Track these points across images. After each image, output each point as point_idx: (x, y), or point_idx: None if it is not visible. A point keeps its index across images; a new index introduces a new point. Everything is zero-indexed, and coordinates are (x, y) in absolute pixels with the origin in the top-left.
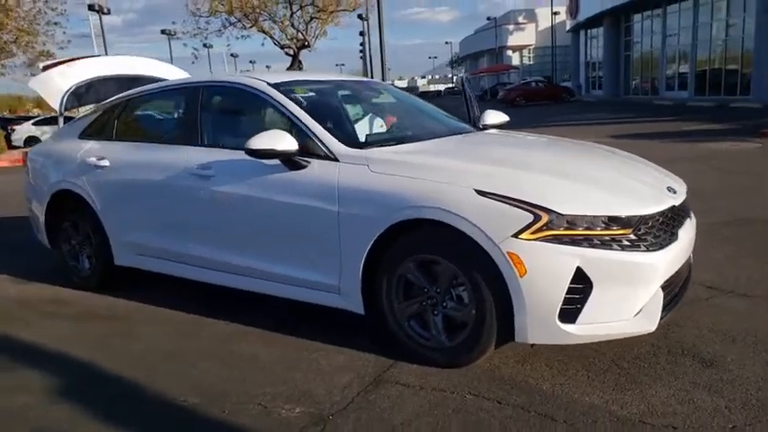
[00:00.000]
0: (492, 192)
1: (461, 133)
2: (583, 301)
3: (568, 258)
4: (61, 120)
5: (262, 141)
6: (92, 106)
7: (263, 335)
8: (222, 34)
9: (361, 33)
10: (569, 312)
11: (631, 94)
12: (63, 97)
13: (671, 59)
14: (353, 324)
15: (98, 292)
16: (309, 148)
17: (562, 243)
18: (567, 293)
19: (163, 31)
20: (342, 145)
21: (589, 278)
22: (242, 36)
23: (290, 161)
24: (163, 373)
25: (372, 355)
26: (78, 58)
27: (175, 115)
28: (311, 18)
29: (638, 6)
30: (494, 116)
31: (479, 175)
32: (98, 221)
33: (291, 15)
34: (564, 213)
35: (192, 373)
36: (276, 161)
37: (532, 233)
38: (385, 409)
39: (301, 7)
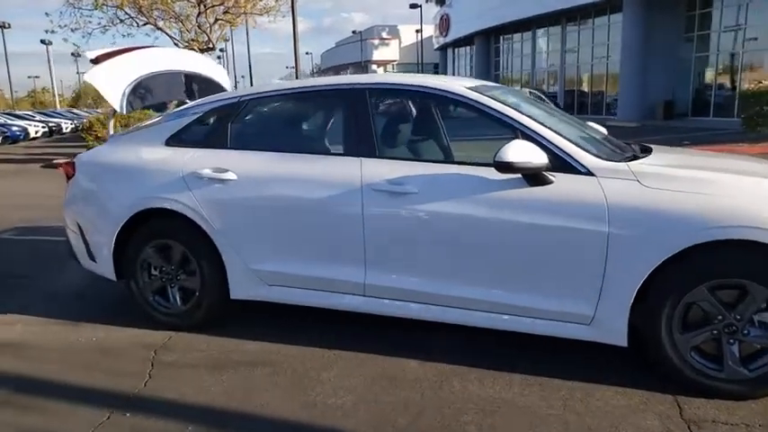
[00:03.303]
0: None
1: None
2: None
3: None
4: (111, 123)
5: (516, 154)
6: (173, 104)
7: (491, 376)
8: (107, 31)
9: (226, 40)
10: None
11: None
12: (123, 96)
13: (540, 81)
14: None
15: (190, 330)
16: (552, 162)
17: None
18: None
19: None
20: (594, 158)
21: None
22: (128, 34)
23: (534, 176)
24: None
25: (650, 392)
26: (128, 50)
27: (330, 121)
28: (216, 19)
29: (508, 29)
30: (599, 128)
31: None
32: (211, 247)
33: (198, 15)
34: None
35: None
36: (508, 176)
37: None
38: None
39: (211, 6)
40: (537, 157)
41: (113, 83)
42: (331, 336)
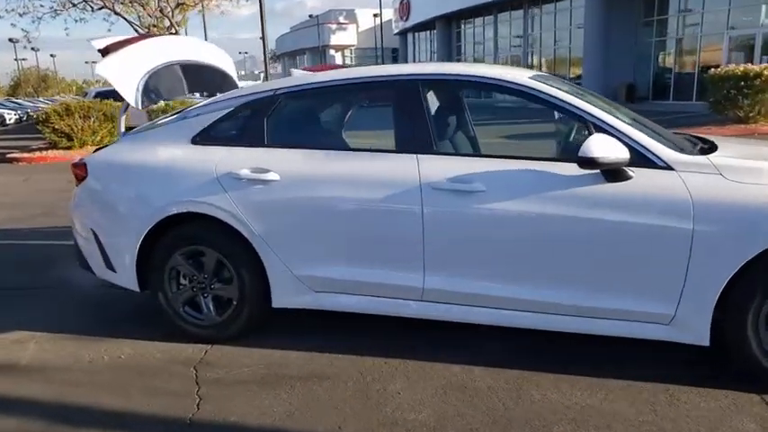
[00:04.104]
0: None
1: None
2: None
3: None
4: (122, 120)
5: (601, 149)
6: (199, 97)
7: (566, 381)
8: (58, 15)
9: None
10: None
11: (466, 96)
12: (138, 90)
13: (503, 64)
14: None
15: (225, 343)
16: (630, 156)
17: None
18: None
19: None
20: (672, 151)
21: None
22: (81, 19)
23: (614, 172)
24: None
25: (733, 392)
26: (139, 38)
27: (378, 115)
28: (178, 4)
29: (470, 13)
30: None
31: None
32: (251, 253)
33: None
34: None
35: None
36: (585, 172)
37: None
38: None
39: None
40: (620, 152)
41: (127, 75)
42: (380, 343)
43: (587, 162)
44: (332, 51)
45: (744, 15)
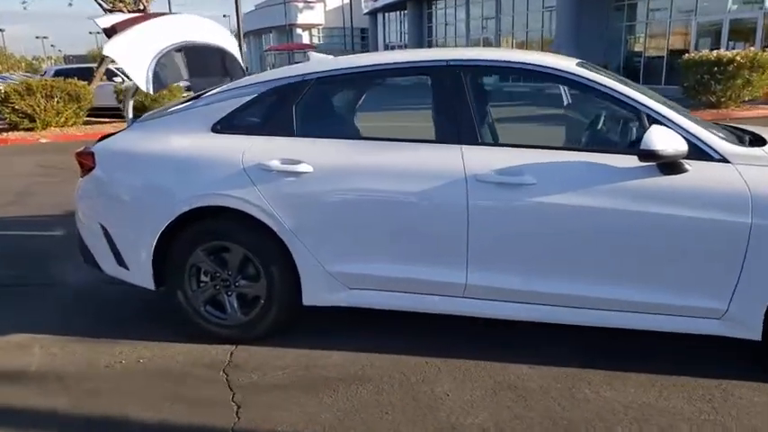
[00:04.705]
0: None
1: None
2: None
3: None
4: (130, 105)
5: (662, 141)
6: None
7: (616, 378)
8: None
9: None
10: None
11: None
12: (149, 72)
13: (475, 46)
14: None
15: (251, 343)
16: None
17: None
18: None
19: None
20: (727, 143)
21: None
22: None
23: (671, 165)
24: None
25: None
26: (147, 17)
27: (416, 103)
28: None
29: None
30: None
31: None
32: (281, 248)
33: None
34: None
35: None
36: (641, 164)
37: None
38: None
39: None
40: (681, 145)
41: (136, 57)
42: (417, 342)
43: (649, 155)
44: (299, 30)
45: (711, 2)
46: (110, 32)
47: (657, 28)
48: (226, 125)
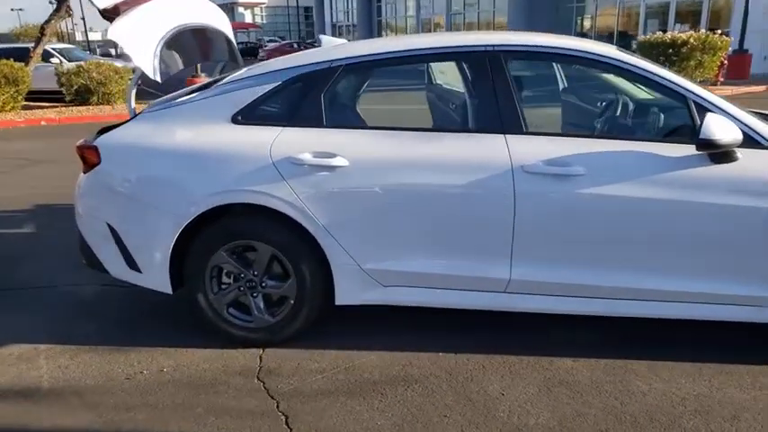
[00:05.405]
0: None
1: None
2: None
3: None
4: (133, 94)
5: (721, 131)
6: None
7: (663, 368)
8: None
9: None
10: None
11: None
12: (155, 58)
13: (425, 29)
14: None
15: (276, 346)
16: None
17: None
18: None
19: None
20: None
21: None
22: None
23: (723, 153)
24: None
25: None
26: None
27: (454, 90)
28: None
29: None
30: None
31: None
32: (313, 246)
33: None
34: None
35: None
36: (693, 153)
37: None
38: None
39: None
40: (737, 134)
41: (140, 41)
42: (453, 339)
43: (708, 144)
44: (240, 9)
45: None
46: (109, 14)
47: (607, 9)
48: (247, 116)
